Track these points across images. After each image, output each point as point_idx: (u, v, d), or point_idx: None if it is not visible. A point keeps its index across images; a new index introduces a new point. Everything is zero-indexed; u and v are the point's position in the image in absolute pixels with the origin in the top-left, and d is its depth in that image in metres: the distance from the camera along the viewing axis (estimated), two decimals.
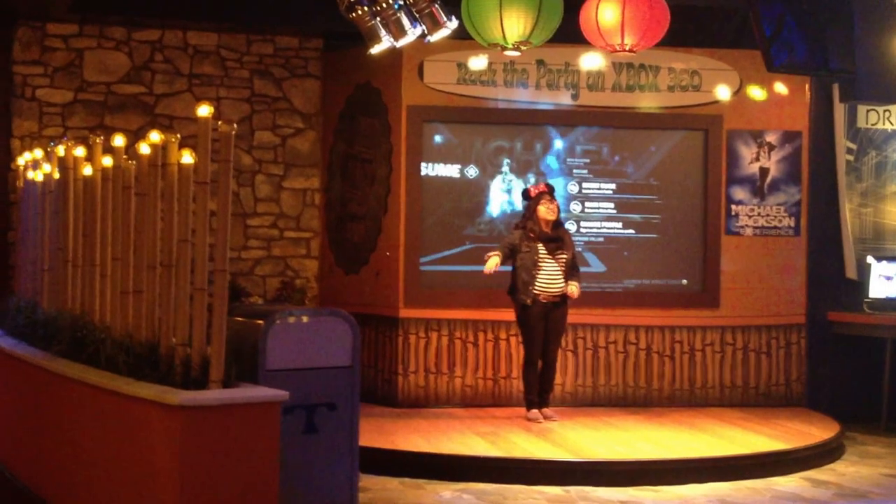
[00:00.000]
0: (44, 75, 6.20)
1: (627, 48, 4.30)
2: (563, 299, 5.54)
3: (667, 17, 4.33)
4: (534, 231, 5.53)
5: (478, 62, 6.04)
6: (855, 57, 4.53)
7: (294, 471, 3.40)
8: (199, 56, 6.44)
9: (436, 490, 4.45)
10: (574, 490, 4.49)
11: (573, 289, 5.49)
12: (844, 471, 5.06)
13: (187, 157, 3.30)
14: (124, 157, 3.82)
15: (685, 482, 4.65)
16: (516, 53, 4.45)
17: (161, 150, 3.47)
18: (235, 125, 3.24)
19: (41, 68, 6.19)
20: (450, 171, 6.17)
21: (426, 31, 4.75)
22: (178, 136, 3.43)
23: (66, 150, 4.34)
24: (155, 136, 3.50)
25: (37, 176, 4.85)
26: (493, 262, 5.39)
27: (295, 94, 6.60)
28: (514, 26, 4.13)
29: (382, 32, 4.92)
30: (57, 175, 4.48)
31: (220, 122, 3.22)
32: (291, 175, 6.62)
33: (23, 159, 5.49)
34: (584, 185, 6.29)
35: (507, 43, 4.28)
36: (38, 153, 5.00)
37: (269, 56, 6.54)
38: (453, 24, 4.64)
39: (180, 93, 6.40)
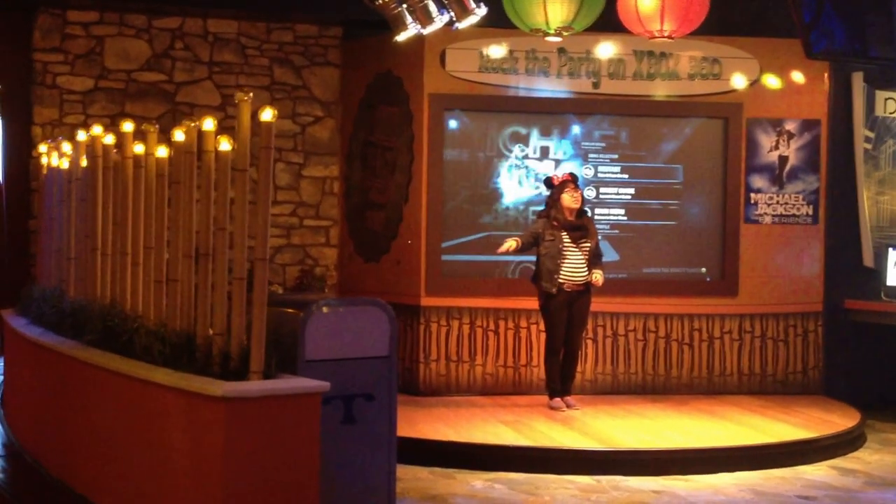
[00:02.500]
0: (64, 63, 6.05)
1: (666, 34, 4.16)
2: (587, 287, 5.43)
3: (706, 3, 4.20)
4: (558, 219, 5.42)
5: (500, 50, 5.91)
6: (894, 44, 4.40)
7: (332, 462, 3.30)
8: (220, 44, 6.30)
9: (467, 480, 4.36)
10: (605, 479, 4.40)
11: (598, 277, 5.39)
12: (869, 459, 4.97)
13: (225, 145, 3.17)
14: (157, 144, 3.69)
15: (714, 471, 4.56)
16: (558, 39, 4.32)
17: (197, 137, 3.34)
18: (276, 111, 3.11)
19: (62, 56, 6.04)
20: (470, 158, 6.04)
21: (454, 18, 4.61)
22: (216, 122, 3.29)
23: (94, 137, 4.20)
24: (190, 123, 3.36)
25: (62, 163, 4.71)
26: (508, 245, 5.32)
27: (314, 82, 6.46)
28: (558, 11, 4.00)
29: (409, 19, 4.78)
30: (84, 162, 4.34)
31: (261, 109, 3.09)
32: (311, 163, 6.50)
33: (45, 147, 5.34)
34: (601, 173, 6.17)
35: (549, 28, 4.14)
36: (63, 140, 4.85)
37: (289, 44, 6.39)
38: (482, 10, 4.50)
39: (200, 80, 6.26)
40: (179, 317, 3.40)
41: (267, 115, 3.10)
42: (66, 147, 4.71)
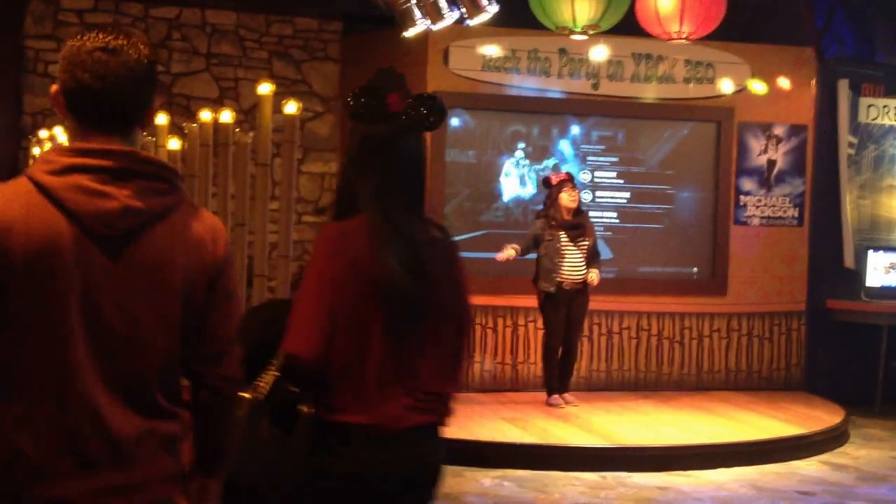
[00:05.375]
0: (57, 51, 5.67)
1: (684, 36, 4.07)
2: (584, 286, 5.35)
3: (723, 5, 4.11)
4: (556, 219, 5.32)
5: (503, 49, 5.77)
6: None
7: None
8: (218, 35, 6.05)
9: (475, 477, 4.24)
10: (610, 476, 4.31)
11: (593, 276, 5.31)
12: (857, 454, 4.97)
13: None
14: (168, 136, 3.49)
15: (713, 467, 4.51)
16: (584, 37, 4.19)
17: (214, 129, 3.15)
18: (301, 104, 2.94)
19: (54, 43, 5.74)
20: (471, 156, 5.91)
21: (465, 15, 4.46)
22: (235, 114, 3.11)
23: None
24: (206, 115, 3.18)
25: None
26: (507, 253, 5.22)
27: (314, 77, 6.25)
28: (586, 9, 3.88)
29: (418, 15, 4.62)
30: None
31: (284, 102, 2.92)
32: (310, 159, 6.29)
33: (36, 137, 5.07)
34: (598, 173, 6.09)
35: (576, 26, 4.02)
36: (59, 130, 4.60)
37: (289, 37, 6.17)
38: (494, 7, 4.36)
39: (198, 72, 6.01)
40: None
41: (291, 107, 2.93)
42: (63, 137, 4.45)
